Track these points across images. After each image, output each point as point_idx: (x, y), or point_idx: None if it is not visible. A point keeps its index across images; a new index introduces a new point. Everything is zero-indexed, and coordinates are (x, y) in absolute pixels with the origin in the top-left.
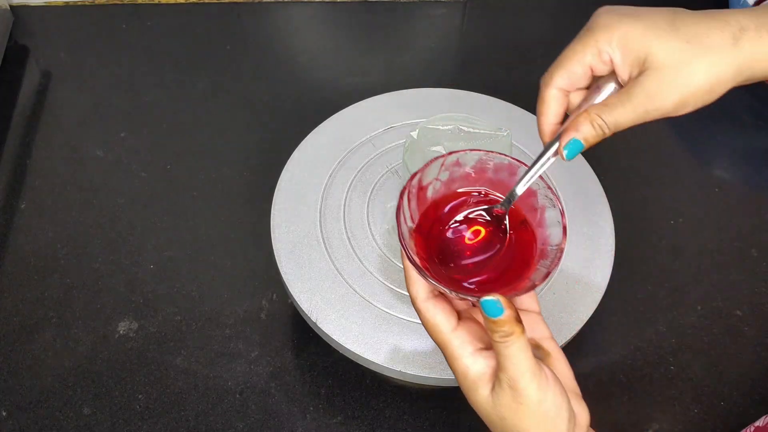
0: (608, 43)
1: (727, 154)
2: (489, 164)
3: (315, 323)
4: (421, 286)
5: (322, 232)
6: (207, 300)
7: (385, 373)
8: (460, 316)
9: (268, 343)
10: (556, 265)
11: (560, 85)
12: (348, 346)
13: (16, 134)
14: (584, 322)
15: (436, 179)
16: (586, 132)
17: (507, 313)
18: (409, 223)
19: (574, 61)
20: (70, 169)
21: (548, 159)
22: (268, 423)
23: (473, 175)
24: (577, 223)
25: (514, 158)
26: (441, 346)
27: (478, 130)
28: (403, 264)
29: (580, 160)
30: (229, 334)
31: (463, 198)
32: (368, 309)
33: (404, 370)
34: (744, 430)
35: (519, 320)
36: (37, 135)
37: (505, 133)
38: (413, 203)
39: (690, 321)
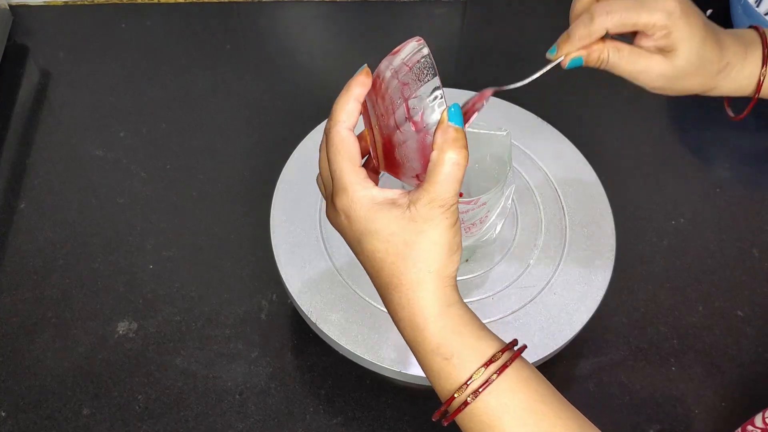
0: (668, 16)
1: (727, 154)
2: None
3: (315, 323)
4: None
5: (322, 232)
6: (207, 300)
7: (386, 373)
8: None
9: (268, 344)
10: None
11: (609, 21)
12: (348, 347)
13: (16, 134)
14: (584, 322)
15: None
16: (593, 56)
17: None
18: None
19: (633, 9)
20: (69, 169)
21: (551, 64)
22: (267, 423)
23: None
24: (577, 223)
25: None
26: (342, 177)
27: (477, 130)
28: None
29: (581, 159)
30: (229, 334)
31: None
32: (368, 309)
33: (404, 370)
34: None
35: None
36: (37, 135)
37: (505, 133)
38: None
39: (691, 321)
